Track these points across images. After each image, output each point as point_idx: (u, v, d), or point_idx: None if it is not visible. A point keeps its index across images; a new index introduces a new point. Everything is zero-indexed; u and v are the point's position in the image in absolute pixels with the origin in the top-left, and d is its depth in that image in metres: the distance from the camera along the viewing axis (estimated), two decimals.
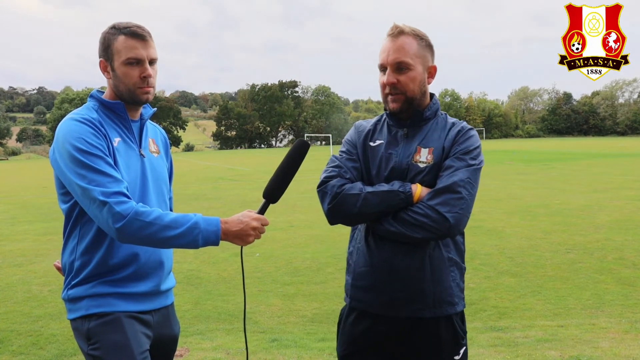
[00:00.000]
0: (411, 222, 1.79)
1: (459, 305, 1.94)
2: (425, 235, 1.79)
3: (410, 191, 1.82)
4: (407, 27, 1.90)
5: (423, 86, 1.93)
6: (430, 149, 1.90)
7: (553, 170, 20.34)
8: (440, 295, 1.89)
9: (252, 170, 26.80)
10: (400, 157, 1.92)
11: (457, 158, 1.85)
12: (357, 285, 1.98)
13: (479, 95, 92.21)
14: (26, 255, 7.88)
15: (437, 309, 1.89)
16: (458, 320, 1.95)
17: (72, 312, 1.89)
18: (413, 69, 1.88)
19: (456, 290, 1.93)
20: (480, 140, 1.93)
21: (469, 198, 1.81)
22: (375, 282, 1.92)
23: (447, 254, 1.90)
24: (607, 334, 4.24)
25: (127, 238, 1.72)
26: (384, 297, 1.91)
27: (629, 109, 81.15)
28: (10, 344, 4.35)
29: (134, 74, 1.88)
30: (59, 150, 1.81)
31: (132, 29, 1.87)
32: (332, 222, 1.93)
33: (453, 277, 1.92)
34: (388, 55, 1.88)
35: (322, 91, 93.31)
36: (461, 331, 1.96)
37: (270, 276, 6.33)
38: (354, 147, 2.02)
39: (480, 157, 1.90)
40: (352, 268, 2.01)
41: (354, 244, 2.03)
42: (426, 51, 1.92)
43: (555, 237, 7.96)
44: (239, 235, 1.78)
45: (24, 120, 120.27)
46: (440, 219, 1.76)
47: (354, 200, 1.84)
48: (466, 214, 1.81)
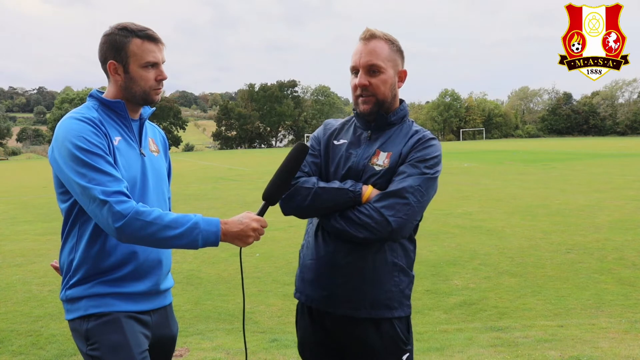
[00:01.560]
0: (355, 221, 1.82)
1: (398, 310, 1.94)
2: (367, 235, 1.81)
3: (359, 191, 1.86)
4: (379, 32, 1.95)
5: (393, 89, 1.97)
6: (389, 154, 1.93)
7: (553, 170, 20.33)
8: (378, 297, 1.91)
9: (252, 170, 26.80)
10: (359, 157, 1.96)
11: (412, 165, 1.88)
12: (302, 277, 2.03)
13: (479, 95, 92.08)
14: (26, 255, 7.88)
15: (373, 310, 1.91)
16: (401, 325, 1.95)
17: (70, 313, 1.88)
18: (384, 72, 1.92)
19: (397, 296, 1.93)
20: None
21: (416, 205, 1.83)
22: (318, 276, 1.96)
23: (392, 259, 1.92)
24: (607, 334, 4.24)
25: (126, 237, 1.71)
26: (324, 291, 1.95)
27: (629, 109, 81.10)
28: (10, 344, 4.34)
29: (151, 77, 1.91)
30: (58, 149, 1.80)
31: (147, 32, 1.89)
32: (284, 212, 1.98)
33: (396, 282, 1.93)
34: (360, 57, 1.92)
35: (322, 91, 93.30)
36: (403, 337, 1.95)
37: (270, 276, 6.33)
38: (317, 143, 2.07)
39: (437, 167, 1.91)
40: (301, 261, 2.06)
41: (306, 237, 2.08)
42: (397, 55, 1.97)
43: (555, 237, 7.96)
44: (239, 236, 1.79)
45: (24, 120, 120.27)
46: (383, 221, 1.79)
47: (306, 193, 1.89)
48: (411, 220, 1.83)
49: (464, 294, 5.36)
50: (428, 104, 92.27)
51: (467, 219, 9.81)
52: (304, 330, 2.06)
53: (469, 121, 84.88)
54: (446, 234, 8.40)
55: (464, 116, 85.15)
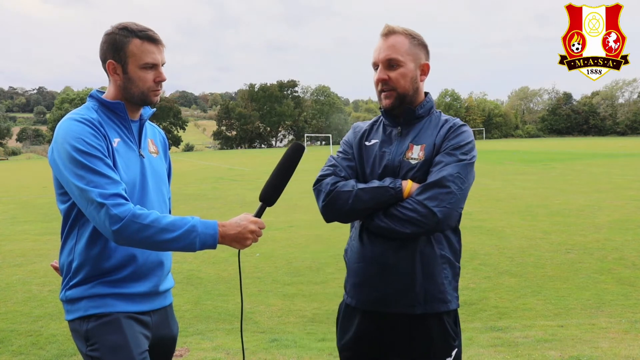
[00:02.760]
0: (400, 217, 1.81)
1: (451, 303, 1.93)
2: (414, 230, 1.80)
3: (400, 187, 1.84)
4: (398, 27, 1.96)
5: (415, 83, 1.96)
6: (422, 146, 1.92)
7: (553, 170, 20.33)
8: (431, 291, 1.89)
9: (252, 170, 26.80)
10: (393, 154, 1.95)
11: (447, 153, 1.87)
12: (351, 281, 2.01)
13: (479, 95, 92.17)
14: (26, 255, 7.88)
15: (427, 305, 1.89)
16: (450, 320, 1.94)
17: (70, 313, 1.88)
18: (403, 66, 1.92)
19: (448, 288, 1.93)
20: (476, 139, 1.94)
21: (459, 192, 1.82)
22: (367, 278, 1.94)
23: (439, 251, 1.91)
24: (607, 334, 4.23)
25: (123, 240, 1.71)
26: (375, 292, 1.93)
27: (629, 109, 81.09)
28: (10, 344, 4.34)
29: (149, 78, 1.90)
30: (57, 150, 1.80)
31: (148, 33, 1.88)
32: (327, 219, 1.96)
33: (445, 274, 1.92)
34: (379, 53, 1.94)
35: (322, 91, 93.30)
36: (453, 332, 1.94)
37: (270, 276, 6.33)
38: (350, 147, 2.06)
39: (473, 152, 1.91)
40: (348, 265, 2.05)
41: (349, 241, 2.06)
42: (418, 49, 1.96)
43: (555, 237, 7.96)
44: (237, 239, 1.79)
45: (24, 120, 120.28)
46: (429, 213, 1.78)
47: (346, 197, 1.88)
48: (455, 209, 1.82)
49: (464, 294, 5.36)
50: None
51: (467, 219, 9.80)
52: (350, 331, 2.01)
53: (469, 121, 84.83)
54: None
55: (464, 116, 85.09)
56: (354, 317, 2.00)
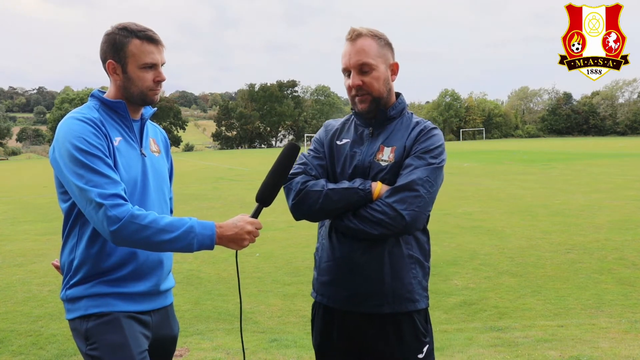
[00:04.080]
0: (369, 218, 1.83)
1: (420, 302, 1.95)
2: (382, 231, 1.83)
3: (369, 189, 1.86)
4: (364, 29, 1.94)
5: (387, 84, 1.98)
6: (393, 148, 1.94)
7: (553, 170, 20.33)
8: (399, 291, 1.91)
9: (252, 170, 26.80)
10: (363, 155, 1.96)
11: (417, 157, 1.89)
12: (321, 280, 2.03)
13: (479, 95, 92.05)
14: (26, 255, 7.88)
15: (396, 304, 1.91)
16: (420, 318, 1.97)
17: (70, 312, 1.88)
18: (376, 69, 1.92)
19: (417, 288, 1.95)
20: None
21: (427, 196, 1.84)
22: (337, 277, 1.96)
23: (407, 251, 1.93)
24: (607, 334, 4.23)
25: (121, 241, 1.71)
26: (344, 292, 1.95)
27: (629, 109, 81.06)
28: (10, 344, 4.34)
29: (149, 78, 1.90)
30: (58, 149, 1.80)
31: (147, 33, 1.88)
32: (296, 217, 1.98)
33: (414, 274, 1.94)
34: (350, 58, 1.93)
35: (322, 91, 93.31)
36: (423, 329, 1.97)
37: (270, 276, 6.33)
38: (321, 145, 2.08)
39: (442, 156, 1.93)
40: (317, 263, 2.06)
41: (320, 240, 2.08)
42: (386, 50, 1.97)
43: (555, 237, 7.96)
44: (234, 240, 1.79)
45: (24, 120, 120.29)
46: (397, 216, 1.80)
47: (316, 196, 1.89)
48: (423, 212, 1.84)
49: (464, 294, 5.36)
50: (428, 104, 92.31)
51: (467, 219, 9.81)
52: (322, 331, 2.05)
53: (469, 121, 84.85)
54: (446, 234, 8.40)
55: (464, 116, 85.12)
56: (326, 316, 2.03)
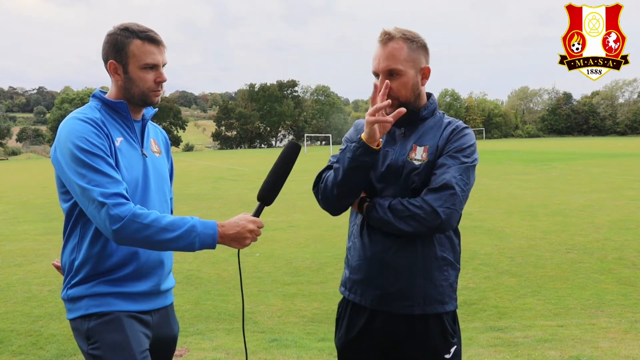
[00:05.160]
0: (405, 213, 1.83)
1: (449, 304, 1.95)
2: (417, 227, 1.82)
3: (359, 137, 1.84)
4: (396, 32, 1.91)
5: (416, 89, 1.96)
6: (426, 147, 1.94)
7: (553, 170, 20.33)
8: (430, 292, 1.91)
9: (252, 170, 26.80)
10: (396, 155, 1.95)
11: (450, 156, 1.89)
12: (353, 278, 2.02)
13: (479, 95, 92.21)
14: (26, 255, 7.88)
15: (426, 306, 1.91)
16: (449, 319, 1.97)
17: (71, 312, 1.89)
18: (404, 75, 1.90)
19: (448, 290, 1.95)
20: (476, 139, 1.97)
21: (461, 194, 1.85)
22: (369, 276, 1.96)
23: (440, 253, 1.93)
24: (607, 334, 4.24)
25: (123, 240, 1.71)
26: (376, 291, 1.95)
27: (629, 109, 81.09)
28: (10, 344, 4.34)
29: (150, 78, 1.90)
30: (60, 149, 1.81)
31: (149, 34, 1.88)
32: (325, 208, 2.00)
33: (446, 276, 1.94)
34: (379, 62, 1.92)
35: (322, 91, 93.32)
36: (451, 330, 1.97)
37: (270, 276, 6.33)
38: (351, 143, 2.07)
39: (475, 155, 1.93)
40: (349, 262, 2.06)
41: (351, 239, 2.07)
42: (418, 53, 1.93)
43: (555, 237, 7.96)
44: (236, 238, 1.79)
45: (24, 120, 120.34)
46: (433, 212, 1.80)
47: (331, 177, 1.92)
48: (458, 210, 1.85)
49: (464, 294, 5.36)
50: None
51: (467, 219, 9.81)
52: (349, 328, 2.03)
53: (469, 121, 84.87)
54: None
55: (464, 116, 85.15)
56: (354, 314, 2.01)
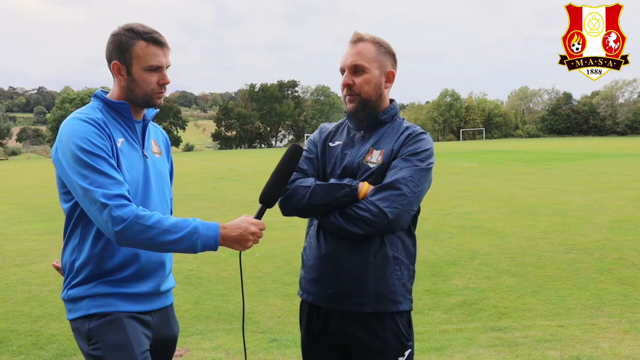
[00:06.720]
0: (353, 216, 1.87)
1: (402, 304, 1.98)
2: (366, 230, 1.86)
3: (355, 186, 1.90)
4: (367, 35, 2.01)
5: (379, 89, 2.02)
6: (382, 151, 1.99)
7: (553, 170, 20.33)
8: (382, 291, 1.95)
9: (252, 170, 26.80)
10: (353, 157, 2.02)
11: (404, 159, 1.94)
12: (307, 277, 2.07)
13: (479, 95, 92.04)
14: (26, 255, 7.88)
15: (378, 304, 1.94)
16: (403, 321, 1.99)
17: (72, 313, 1.89)
18: (368, 72, 1.99)
19: (400, 289, 1.98)
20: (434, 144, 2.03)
21: (411, 195, 1.87)
22: (322, 275, 2.00)
23: (392, 253, 1.96)
24: (607, 334, 4.24)
25: (125, 241, 1.71)
26: (329, 290, 1.99)
27: (629, 109, 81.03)
28: (10, 344, 4.35)
29: (153, 80, 1.90)
30: (62, 149, 1.80)
31: (153, 35, 1.88)
32: (284, 212, 2.02)
33: (398, 276, 1.97)
34: (346, 59, 2.02)
35: (322, 91, 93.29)
36: (406, 332, 1.99)
37: (270, 276, 6.33)
38: (314, 145, 2.15)
39: (430, 159, 1.96)
40: (304, 261, 2.10)
41: (308, 239, 2.12)
42: (384, 57, 2.03)
43: (555, 237, 7.96)
44: (238, 241, 1.80)
45: (24, 120, 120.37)
46: (380, 213, 1.83)
47: (304, 192, 1.94)
48: (406, 210, 1.87)
49: (464, 294, 5.36)
50: (428, 103, 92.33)
51: (467, 219, 9.81)
52: (308, 328, 2.09)
53: (469, 121, 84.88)
54: (446, 233, 8.40)
55: (464, 116, 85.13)
56: (310, 314, 2.07)
